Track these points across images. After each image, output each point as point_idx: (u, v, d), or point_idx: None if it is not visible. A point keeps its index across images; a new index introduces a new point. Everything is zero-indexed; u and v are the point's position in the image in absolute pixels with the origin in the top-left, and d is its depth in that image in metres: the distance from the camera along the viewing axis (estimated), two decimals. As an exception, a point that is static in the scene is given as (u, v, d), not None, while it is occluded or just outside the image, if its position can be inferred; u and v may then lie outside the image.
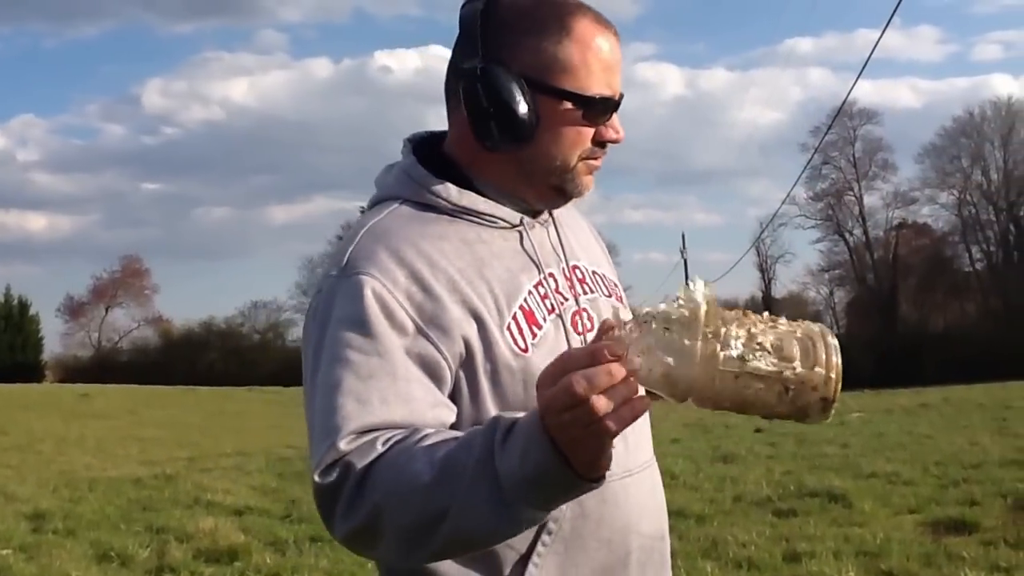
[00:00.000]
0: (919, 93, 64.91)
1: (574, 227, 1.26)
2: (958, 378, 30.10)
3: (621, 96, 1.14)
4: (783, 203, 43.22)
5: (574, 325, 1.12)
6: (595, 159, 1.15)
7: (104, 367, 41.09)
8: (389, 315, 1.02)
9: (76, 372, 41.60)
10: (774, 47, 71.08)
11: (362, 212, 1.21)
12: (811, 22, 72.29)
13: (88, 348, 48.58)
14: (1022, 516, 6.11)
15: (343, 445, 0.97)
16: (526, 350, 1.07)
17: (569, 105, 1.09)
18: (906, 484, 7.87)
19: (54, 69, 69.92)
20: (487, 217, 1.12)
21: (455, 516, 0.92)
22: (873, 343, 41.26)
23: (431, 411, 1.02)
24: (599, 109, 1.11)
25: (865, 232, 46.31)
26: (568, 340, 1.11)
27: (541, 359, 1.02)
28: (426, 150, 1.17)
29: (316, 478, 0.97)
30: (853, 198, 46.23)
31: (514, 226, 1.14)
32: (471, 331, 1.05)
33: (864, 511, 6.62)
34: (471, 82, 1.09)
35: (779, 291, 50.74)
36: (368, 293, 1.02)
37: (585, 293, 1.17)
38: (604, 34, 1.12)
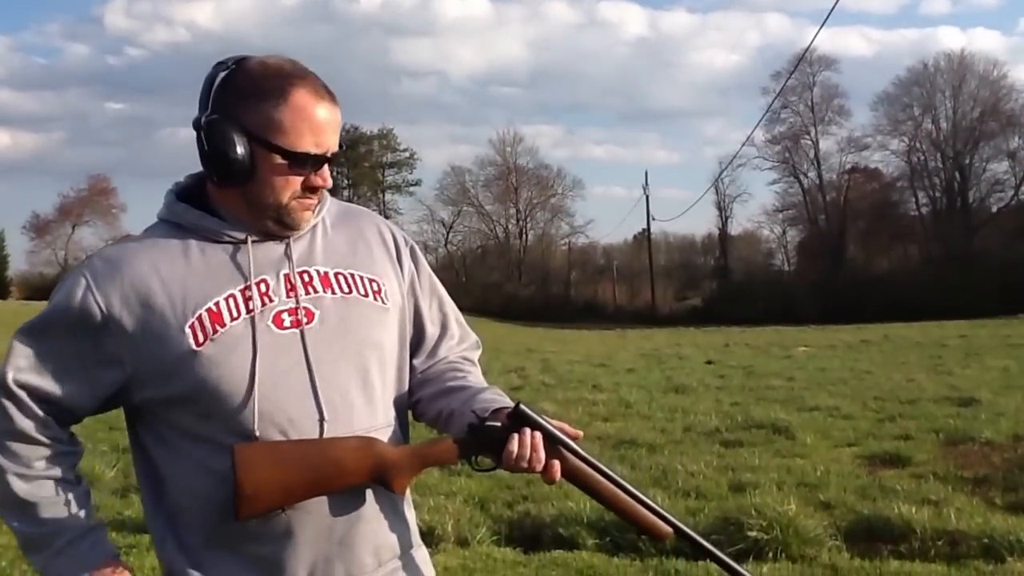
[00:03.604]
0: (871, 42, 65.51)
1: (347, 234, 1.50)
2: (899, 318, 31.09)
3: (340, 150, 1.40)
4: (744, 144, 43.74)
5: (277, 322, 1.37)
6: (307, 199, 1.39)
7: (71, 285, 41.45)
8: (83, 312, 1.34)
9: (42, 290, 41.20)
10: (733, -9, 70.49)
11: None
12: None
13: (54, 266, 48.48)
14: (952, 451, 6.48)
15: (9, 379, 1.34)
16: (201, 344, 1.33)
17: (278, 158, 1.35)
18: (846, 418, 8.22)
19: (8, -15, 66.61)
20: (214, 233, 1.39)
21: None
22: (821, 282, 42.24)
23: (71, 396, 1.37)
24: (303, 163, 1.36)
25: (819, 175, 47.23)
26: (255, 335, 1.34)
27: (218, 350, 1.33)
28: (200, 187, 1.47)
29: None
30: (809, 142, 47.06)
31: (238, 242, 1.39)
32: (155, 329, 1.34)
33: (806, 444, 6.92)
34: (199, 131, 1.36)
35: (735, 229, 51.65)
36: (77, 290, 1.35)
37: (308, 294, 1.40)
38: (319, 103, 1.36)
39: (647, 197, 47.49)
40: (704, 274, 52.75)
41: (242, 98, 1.34)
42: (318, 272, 1.42)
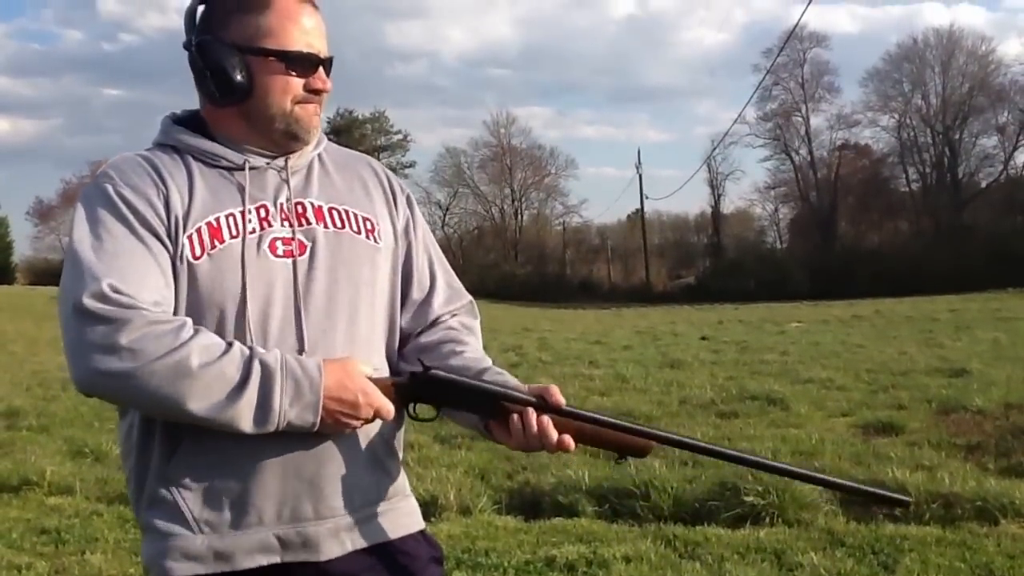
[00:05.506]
0: (856, 19, 65.44)
1: (345, 174, 1.49)
2: (889, 292, 31.27)
3: (330, 58, 1.41)
4: (735, 122, 43.90)
5: (272, 248, 1.36)
6: (311, 103, 1.40)
7: (75, 270, 42.65)
8: (128, 209, 1.31)
9: (47, 275, 42.00)
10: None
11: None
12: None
13: (58, 251, 48.88)
14: (944, 420, 6.56)
15: (107, 290, 1.22)
16: (198, 257, 1.32)
17: (274, 62, 1.36)
18: (839, 389, 8.29)
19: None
20: (211, 157, 1.38)
21: (218, 411, 1.23)
22: (812, 258, 42.42)
23: (161, 291, 1.29)
24: (299, 62, 1.37)
25: (810, 152, 47.36)
26: (244, 257, 1.33)
27: (214, 265, 1.31)
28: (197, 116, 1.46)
29: (85, 300, 1.21)
30: (800, 119, 47.15)
31: (236, 167, 1.38)
32: (173, 232, 1.33)
33: (800, 414, 6.99)
34: (191, 53, 1.38)
35: (727, 207, 51.78)
36: (112, 194, 1.32)
37: (301, 225, 1.39)
38: (302, 6, 1.38)
39: (640, 176, 47.61)
40: (697, 252, 52.89)
41: (227, 14, 1.36)
42: (312, 204, 1.41)
